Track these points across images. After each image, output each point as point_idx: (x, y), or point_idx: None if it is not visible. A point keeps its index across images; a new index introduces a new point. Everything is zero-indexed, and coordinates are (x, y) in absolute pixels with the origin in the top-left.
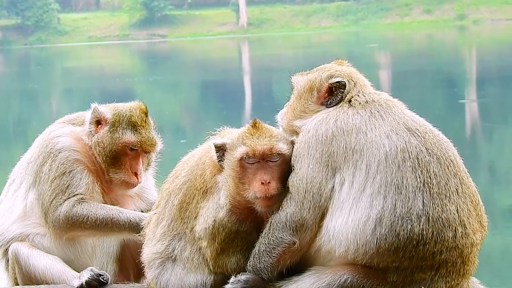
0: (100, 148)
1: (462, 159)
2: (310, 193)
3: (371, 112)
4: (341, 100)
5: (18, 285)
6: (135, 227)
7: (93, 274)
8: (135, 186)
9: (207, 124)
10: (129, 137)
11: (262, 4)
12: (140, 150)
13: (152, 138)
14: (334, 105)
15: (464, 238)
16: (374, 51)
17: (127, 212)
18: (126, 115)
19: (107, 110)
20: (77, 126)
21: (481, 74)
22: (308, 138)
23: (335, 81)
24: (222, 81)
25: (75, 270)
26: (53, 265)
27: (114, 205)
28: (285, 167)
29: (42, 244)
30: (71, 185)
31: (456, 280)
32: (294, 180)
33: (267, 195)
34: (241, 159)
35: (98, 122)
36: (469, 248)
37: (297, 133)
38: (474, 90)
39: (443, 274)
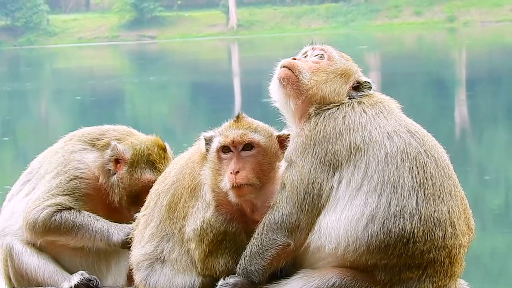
0: (120, 189)
1: (451, 161)
2: (310, 195)
3: (376, 111)
4: (361, 96)
5: (10, 278)
6: (106, 236)
7: (82, 278)
8: None
9: (197, 125)
10: (148, 176)
11: (251, 5)
12: None
13: None
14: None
15: (453, 239)
16: (363, 53)
17: (102, 221)
18: (144, 154)
19: (126, 149)
20: (98, 151)
21: (471, 76)
22: (314, 134)
23: (366, 80)
24: (212, 83)
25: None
26: (45, 265)
27: None
28: (262, 158)
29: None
30: (65, 201)
31: (443, 280)
32: (294, 179)
33: (235, 184)
34: (217, 150)
35: (117, 161)
36: (457, 249)
37: (307, 103)
38: (463, 91)
39: (431, 274)
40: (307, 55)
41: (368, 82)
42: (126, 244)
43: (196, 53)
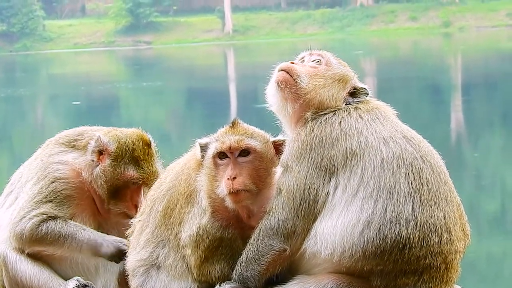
0: (101, 181)
1: (447, 166)
2: (306, 200)
3: (372, 117)
4: (358, 102)
5: (5, 287)
6: (94, 246)
7: (78, 284)
8: (133, 217)
9: (193, 131)
10: (131, 173)
11: (247, 11)
12: (142, 184)
13: (155, 171)
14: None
15: (448, 244)
16: (359, 58)
17: (90, 231)
18: (129, 148)
19: (110, 142)
20: (78, 151)
21: (467, 81)
22: (311, 138)
23: (362, 86)
24: (208, 88)
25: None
26: (40, 272)
27: (113, 230)
28: (258, 164)
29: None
30: (50, 208)
31: (439, 286)
32: (290, 185)
33: (232, 190)
34: (214, 156)
35: (101, 152)
36: (453, 255)
37: (303, 108)
38: (459, 97)
39: (426, 280)
40: (304, 60)
41: (365, 88)
42: (113, 257)
43: (192, 59)
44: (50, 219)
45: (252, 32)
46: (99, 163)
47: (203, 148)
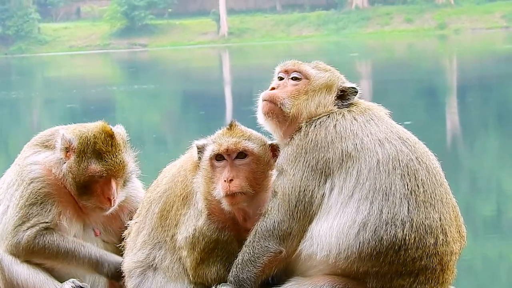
0: (69, 179)
1: (443, 168)
2: (302, 202)
3: (367, 119)
4: (349, 105)
5: None
6: (95, 265)
7: (74, 286)
8: (110, 210)
9: (188, 134)
10: (94, 166)
11: (242, 13)
12: (108, 176)
13: (120, 162)
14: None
15: (444, 246)
16: (355, 60)
17: (90, 248)
18: (90, 142)
19: (73, 137)
20: (50, 150)
21: (462, 83)
22: (305, 143)
23: (350, 86)
24: (203, 91)
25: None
26: (36, 274)
27: (98, 226)
28: (255, 167)
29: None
30: (38, 214)
31: None
32: (285, 187)
33: (228, 192)
34: (211, 158)
35: (67, 150)
36: (449, 256)
37: (295, 123)
38: (454, 99)
39: (422, 281)
40: (282, 77)
41: (353, 87)
42: (113, 277)
43: (187, 61)
44: (45, 232)
45: (247, 35)
46: (66, 161)
47: (200, 149)
